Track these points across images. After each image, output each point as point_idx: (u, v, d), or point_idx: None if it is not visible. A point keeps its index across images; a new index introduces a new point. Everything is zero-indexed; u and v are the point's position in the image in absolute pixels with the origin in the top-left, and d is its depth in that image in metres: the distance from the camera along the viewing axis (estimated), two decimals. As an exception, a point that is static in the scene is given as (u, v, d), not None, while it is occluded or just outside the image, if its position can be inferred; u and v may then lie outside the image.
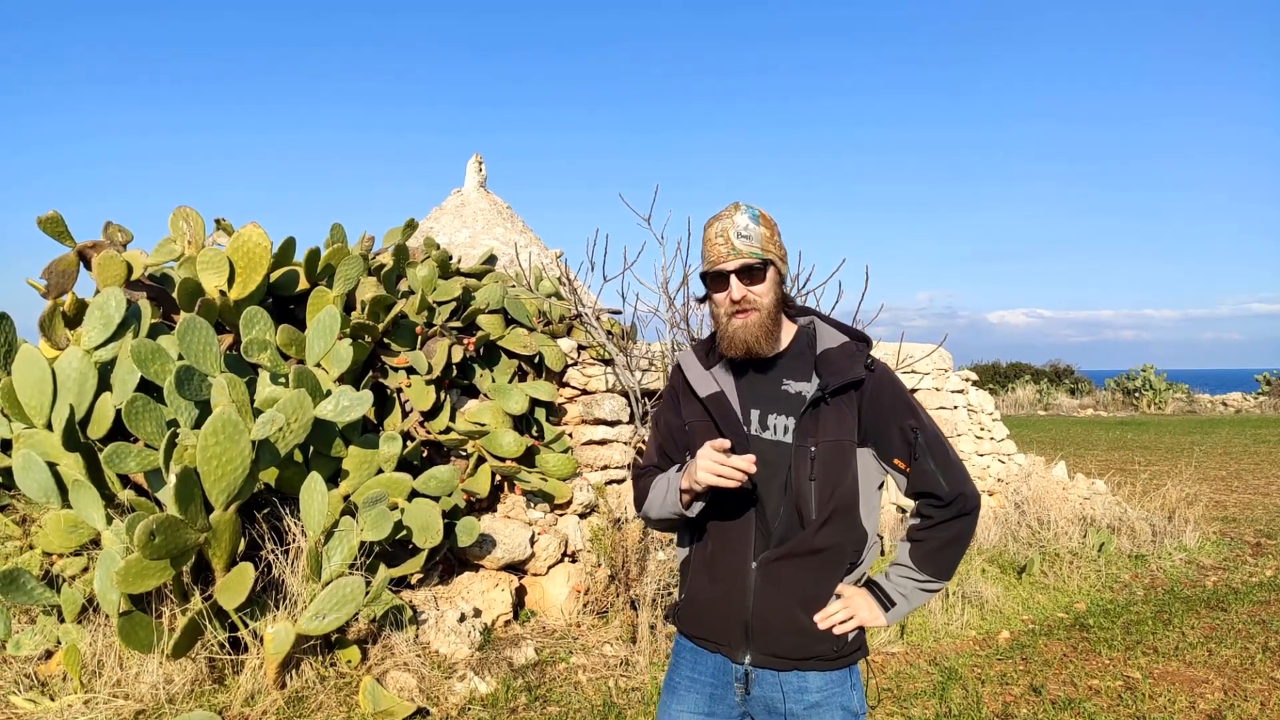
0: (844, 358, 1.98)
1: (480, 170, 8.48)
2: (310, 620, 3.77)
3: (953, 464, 1.99)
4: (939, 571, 2.02)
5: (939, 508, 1.99)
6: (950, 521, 1.99)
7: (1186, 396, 29.73)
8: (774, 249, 1.96)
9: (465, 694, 4.10)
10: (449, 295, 5.72)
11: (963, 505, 1.98)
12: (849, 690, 1.98)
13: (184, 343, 4.12)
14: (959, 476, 1.99)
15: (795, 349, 2.03)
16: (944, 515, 1.99)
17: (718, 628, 2.02)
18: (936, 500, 1.98)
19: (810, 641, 1.94)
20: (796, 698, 1.94)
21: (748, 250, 1.92)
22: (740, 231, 1.92)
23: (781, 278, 2.01)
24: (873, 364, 1.99)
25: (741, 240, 1.92)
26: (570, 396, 6.04)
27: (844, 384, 1.95)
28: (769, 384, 2.01)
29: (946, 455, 1.99)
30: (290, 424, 4.03)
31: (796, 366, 2.01)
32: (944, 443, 2.00)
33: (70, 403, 4.10)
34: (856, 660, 2.02)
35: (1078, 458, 14.69)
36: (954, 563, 2.05)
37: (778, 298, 1.99)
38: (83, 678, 3.85)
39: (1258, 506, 10.27)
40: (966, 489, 1.99)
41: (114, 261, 4.66)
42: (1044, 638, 5.44)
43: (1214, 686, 4.59)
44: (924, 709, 4.30)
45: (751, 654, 1.97)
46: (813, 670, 1.95)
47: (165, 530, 3.52)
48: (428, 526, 4.52)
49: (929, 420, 2.01)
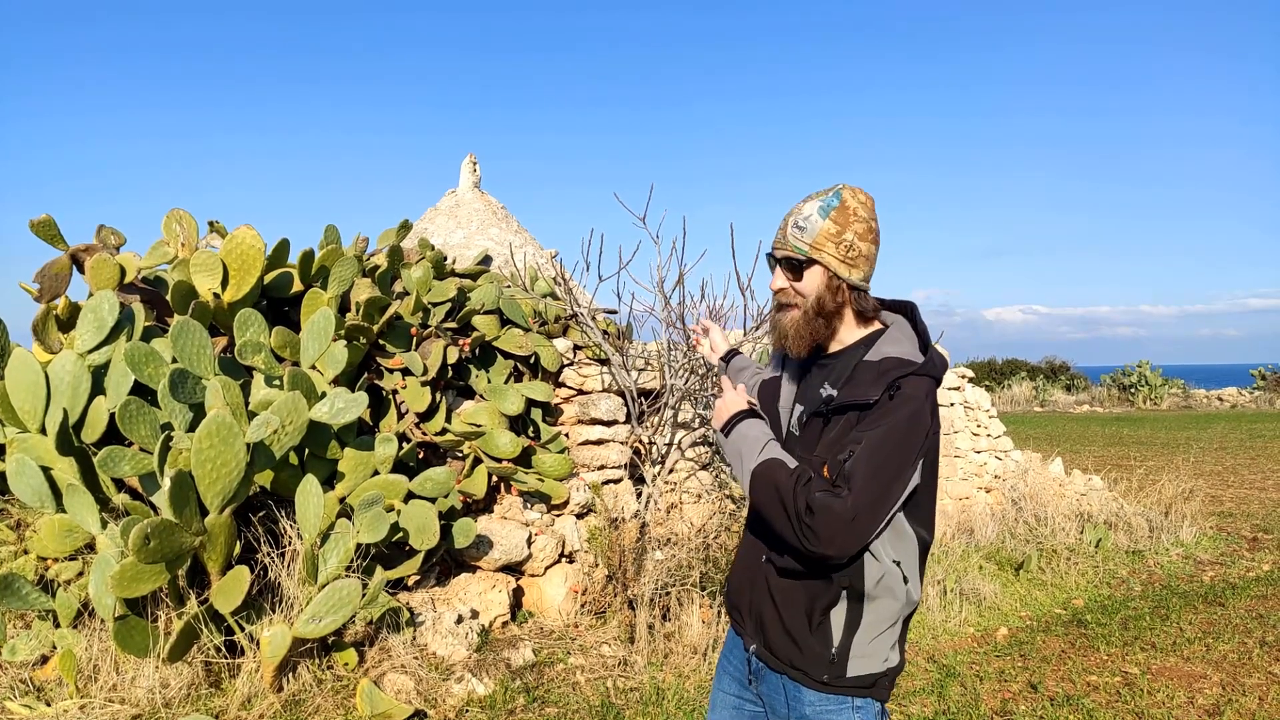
0: (870, 375, 1.80)
1: (475, 171, 8.47)
2: (307, 623, 3.76)
3: (855, 494, 1.65)
4: (737, 471, 1.84)
5: (823, 492, 1.68)
6: (794, 512, 1.68)
7: (1182, 392, 29.79)
8: (831, 248, 1.83)
9: (463, 696, 4.09)
10: (444, 296, 5.70)
11: (809, 537, 1.66)
12: (850, 712, 1.85)
13: (178, 346, 4.10)
14: (838, 519, 1.63)
15: (852, 352, 1.90)
16: (814, 493, 1.67)
17: (739, 606, 2.04)
18: (829, 489, 1.69)
19: (799, 652, 1.87)
20: (794, 707, 1.90)
21: (794, 243, 1.85)
22: (798, 221, 1.84)
23: (838, 280, 1.85)
24: (899, 388, 1.74)
25: (795, 231, 1.84)
26: (566, 397, 6.03)
27: (848, 404, 1.80)
28: (816, 383, 1.93)
29: (871, 477, 1.66)
30: (285, 426, 4.01)
31: (840, 371, 1.89)
32: (866, 474, 1.66)
33: (64, 406, 4.09)
34: (861, 695, 1.85)
35: (1074, 454, 14.71)
36: (742, 483, 1.82)
37: (824, 300, 1.86)
38: (78, 683, 3.83)
39: (1254, 501, 10.29)
40: (824, 530, 1.64)
41: (107, 264, 4.64)
42: (1042, 634, 5.45)
43: (1212, 681, 4.60)
44: (922, 706, 4.29)
45: (756, 643, 1.97)
46: (803, 684, 1.87)
47: (160, 534, 3.51)
48: (424, 528, 4.51)
49: (881, 450, 1.68)
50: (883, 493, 1.68)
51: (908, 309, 1.95)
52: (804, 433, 1.88)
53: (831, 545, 1.66)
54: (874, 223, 1.87)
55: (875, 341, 1.88)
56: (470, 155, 8.51)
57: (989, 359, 36.28)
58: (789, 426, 1.97)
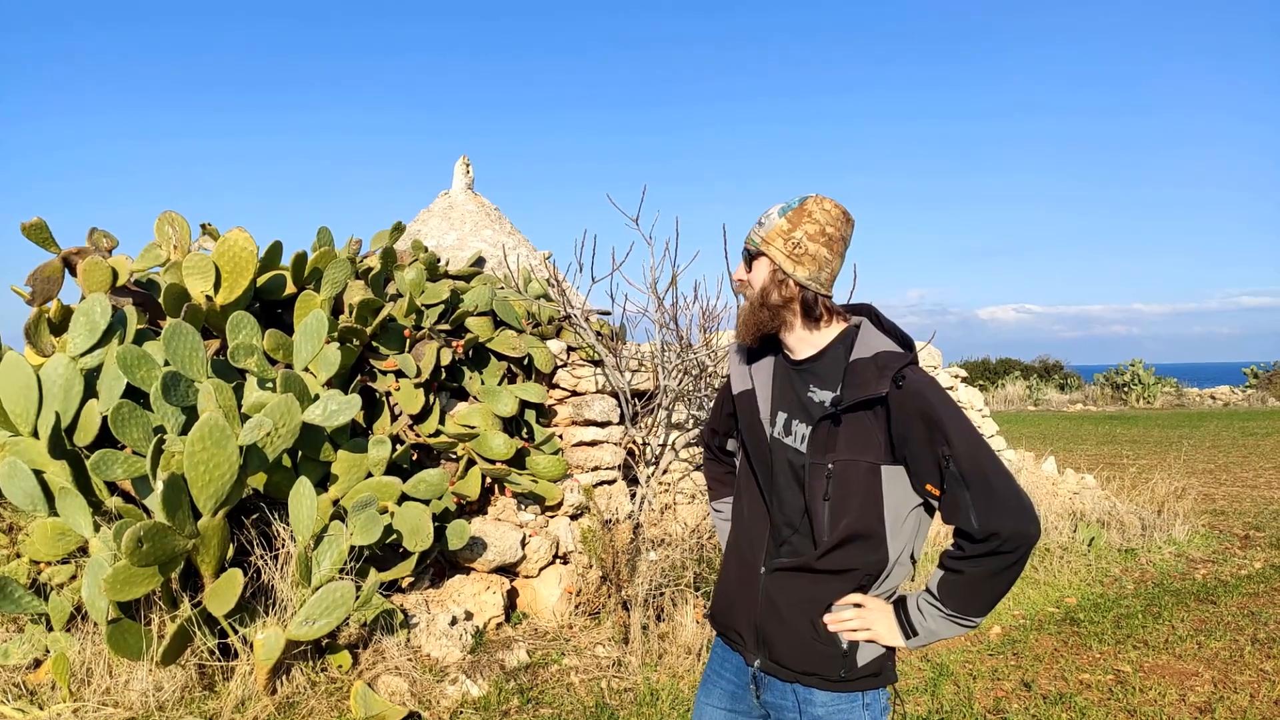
0: (870, 370, 1.83)
1: (468, 172, 8.47)
2: (300, 626, 3.75)
3: (995, 495, 1.74)
4: (966, 608, 1.80)
5: (971, 542, 1.77)
6: (984, 558, 1.76)
7: (1175, 390, 29.87)
8: (779, 243, 1.89)
9: (457, 697, 4.10)
10: (437, 298, 5.70)
11: (997, 545, 1.73)
12: (860, 710, 1.87)
13: (170, 348, 4.10)
14: (1000, 511, 1.73)
15: (832, 353, 1.93)
16: (976, 550, 1.76)
17: (735, 626, 2.02)
18: (967, 535, 1.78)
19: (813, 658, 1.87)
20: (805, 710, 1.89)
21: (751, 236, 1.95)
22: (760, 219, 1.95)
23: (783, 274, 1.90)
24: (904, 378, 1.80)
25: (755, 227, 1.95)
26: (560, 398, 6.04)
27: (859, 401, 1.82)
28: (800, 387, 1.95)
29: (987, 485, 1.74)
30: (278, 429, 4.01)
31: (827, 372, 1.92)
32: (985, 470, 1.75)
33: (56, 410, 4.08)
34: (872, 686, 1.89)
35: (1067, 453, 14.76)
36: (986, 601, 1.81)
37: (768, 291, 1.92)
38: (72, 686, 3.83)
39: (1246, 499, 10.33)
40: (1004, 528, 1.72)
41: (99, 267, 4.63)
42: (1035, 632, 5.46)
43: (1204, 679, 4.62)
44: (916, 705, 4.31)
45: (760, 659, 1.95)
46: (816, 688, 1.88)
47: (153, 537, 3.51)
48: (418, 530, 4.51)
49: (969, 442, 1.77)
50: (997, 468, 1.78)
51: (869, 310, 2.00)
52: (814, 436, 1.87)
53: (1028, 522, 1.74)
54: (832, 229, 1.89)
55: (852, 342, 1.92)
56: (463, 157, 8.51)
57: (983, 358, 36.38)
58: (774, 434, 1.96)
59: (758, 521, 1.99)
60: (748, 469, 2.05)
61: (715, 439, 2.34)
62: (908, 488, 1.83)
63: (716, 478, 2.37)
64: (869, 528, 1.82)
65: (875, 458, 1.82)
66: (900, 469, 1.82)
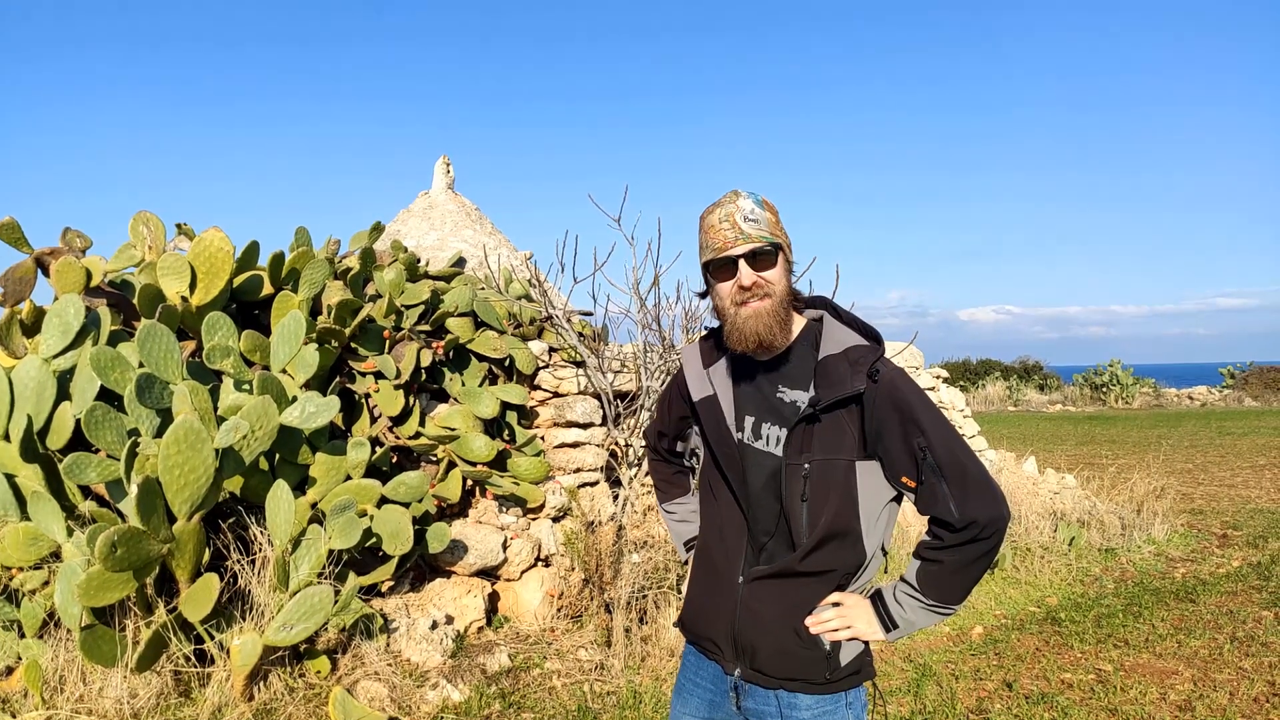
0: (844, 366, 1.81)
1: (448, 172, 8.42)
2: (278, 631, 3.70)
3: (971, 484, 1.76)
4: (945, 596, 1.82)
5: (950, 531, 1.79)
6: (961, 546, 1.78)
7: (1153, 391, 30.16)
8: (782, 234, 1.86)
9: (438, 702, 4.06)
10: (417, 298, 5.66)
11: (976, 533, 1.76)
12: (844, 710, 1.87)
13: (145, 350, 4.03)
14: (978, 499, 1.76)
15: (798, 350, 1.89)
16: (956, 540, 1.78)
17: (711, 636, 1.98)
18: (946, 525, 1.80)
19: (796, 663, 1.86)
20: (788, 714, 1.87)
21: (757, 234, 1.81)
22: (747, 215, 1.81)
23: (790, 266, 1.89)
24: (878, 372, 1.80)
25: (749, 224, 1.81)
26: (542, 399, 6.00)
27: (838, 399, 1.79)
28: (767, 388, 1.90)
29: (963, 474, 1.76)
30: (255, 431, 3.96)
31: (796, 371, 1.88)
32: (960, 460, 1.77)
33: (28, 412, 4.01)
34: (854, 685, 1.89)
35: (1047, 453, 14.86)
36: (963, 589, 1.83)
37: (788, 286, 1.87)
38: (45, 694, 3.76)
39: (1224, 498, 10.43)
40: (981, 515, 1.75)
41: (73, 268, 4.56)
42: (1017, 632, 5.48)
43: (1184, 677, 4.64)
44: (899, 706, 4.30)
45: (741, 667, 1.92)
46: (801, 692, 1.87)
47: (127, 542, 3.45)
48: (397, 533, 4.47)
49: (944, 433, 1.79)
50: (970, 457, 1.80)
51: (826, 303, 1.98)
52: (791, 437, 1.83)
53: (1001, 505, 1.79)
54: None
55: (816, 337, 1.89)
56: (444, 156, 8.46)
57: (964, 359, 36.63)
58: (743, 438, 1.91)
59: (734, 531, 1.93)
60: (718, 476, 1.98)
61: (663, 441, 2.28)
62: (882, 482, 1.83)
63: (666, 479, 2.32)
64: (847, 525, 1.81)
65: (850, 455, 1.81)
66: (874, 464, 1.82)
